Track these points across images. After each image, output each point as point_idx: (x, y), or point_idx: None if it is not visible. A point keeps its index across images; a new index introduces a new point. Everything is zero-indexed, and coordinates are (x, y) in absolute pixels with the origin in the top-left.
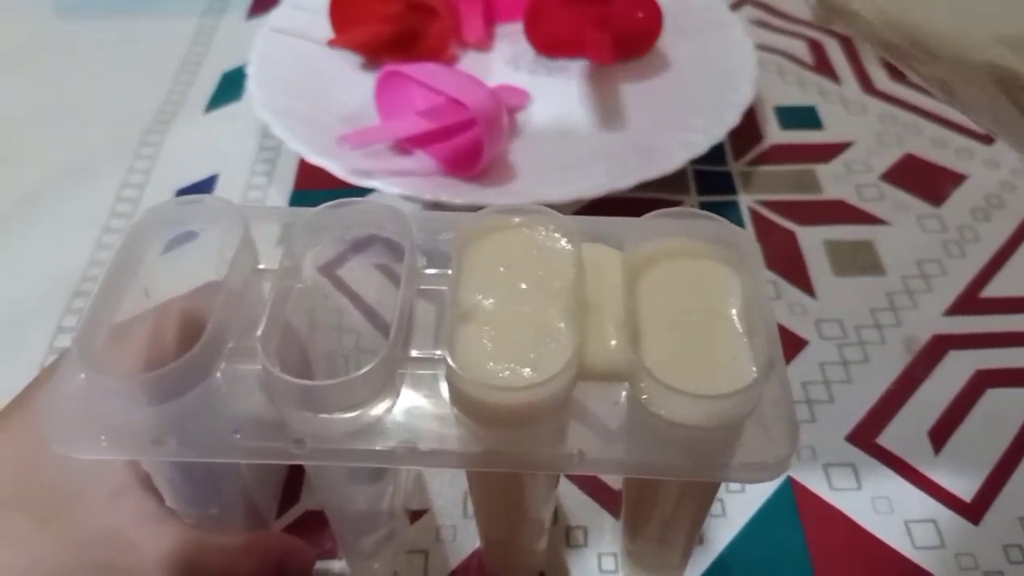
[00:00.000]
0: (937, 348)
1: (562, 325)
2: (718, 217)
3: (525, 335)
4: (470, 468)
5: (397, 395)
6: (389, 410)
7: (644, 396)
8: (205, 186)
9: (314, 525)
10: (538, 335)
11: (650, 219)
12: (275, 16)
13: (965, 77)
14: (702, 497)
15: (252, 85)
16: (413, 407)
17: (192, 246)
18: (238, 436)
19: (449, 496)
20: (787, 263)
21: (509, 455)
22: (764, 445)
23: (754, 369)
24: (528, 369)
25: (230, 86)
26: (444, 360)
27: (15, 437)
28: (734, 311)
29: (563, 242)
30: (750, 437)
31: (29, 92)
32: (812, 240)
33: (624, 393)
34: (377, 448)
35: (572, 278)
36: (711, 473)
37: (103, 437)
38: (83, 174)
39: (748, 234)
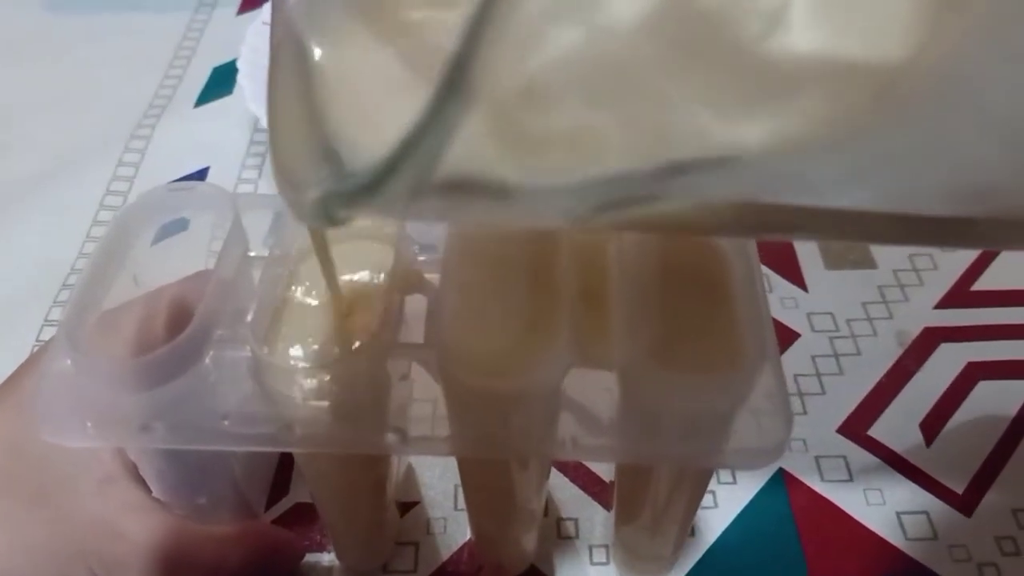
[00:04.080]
0: (928, 340)
1: (554, 310)
2: None
3: (517, 321)
4: (461, 455)
5: (388, 382)
6: (380, 397)
7: (637, 382)
8: (195, 179)
9: (303, 518)
10: (530, 321)
11: None
12: (268, 10)
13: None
14: (695, 485)
15: (243, 79)
16: (404, 394)
17: (184, 235)
18: (227, 423)
19: (440, 488)
20: (779, 256)
21: (501, 441)
22: (758, 431)
23: (748, 355)
24: (520, 355)
25: (221, 80)
26: (434, 346)
27: (2, 423)
28: (728, 296)
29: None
30: (744, 423)
31: (19, 84)
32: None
33: (616, 379)
34: (368, 435)
35: (564, 263)
36: (705, 459)
37: (89, 424)
38: (72, 167)
39: None
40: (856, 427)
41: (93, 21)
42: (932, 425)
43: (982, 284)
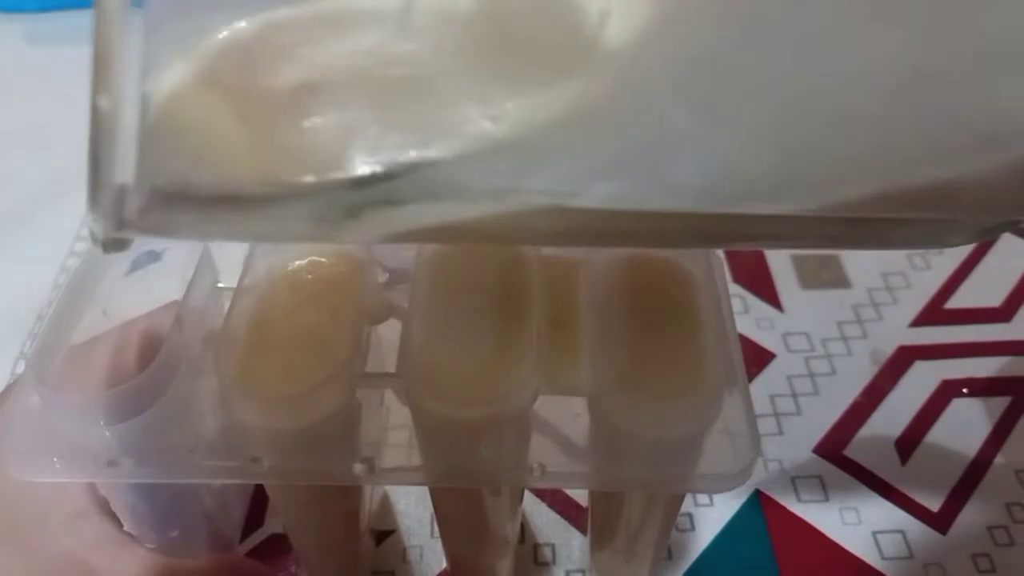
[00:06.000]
0: (903, 359)
1: (522, 338)
2: None
3: (485, 349)
4: (431, 484)
5: (357, 411)
6: (348, 427)
7: (605, 408)
8: None
9: (279, 549)
10: (499, 348)
11: None
12: None
13: None
14: (667, 508)
15: None
16: (373, 424)
17: (156, 267)
18: (194, 455)
19: (416, 516)
20: (755, 277)
21: (470, 470)
22: (726, 455)
23: (715, 380)
24: (488, 383)
25: None
26: (404, 376)
27: None
28: (695, 321)
29: (524, 254)
30: (712, 448)
31: None
32: (779, 254)
33: (585, 405)
34: (336, 466)
35: (532, 290)
36: (672, 484)
37: (56, 459)
38: (50, 199)
39: None
40: (832, 447)
41: (74, 53)
42: (907, 444)
43: (955, 302)
